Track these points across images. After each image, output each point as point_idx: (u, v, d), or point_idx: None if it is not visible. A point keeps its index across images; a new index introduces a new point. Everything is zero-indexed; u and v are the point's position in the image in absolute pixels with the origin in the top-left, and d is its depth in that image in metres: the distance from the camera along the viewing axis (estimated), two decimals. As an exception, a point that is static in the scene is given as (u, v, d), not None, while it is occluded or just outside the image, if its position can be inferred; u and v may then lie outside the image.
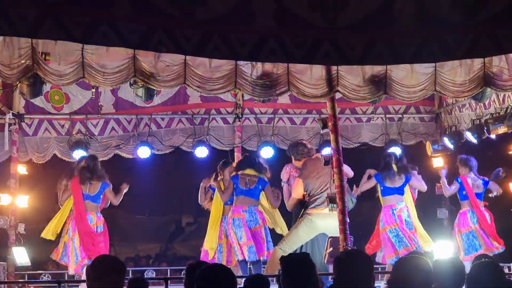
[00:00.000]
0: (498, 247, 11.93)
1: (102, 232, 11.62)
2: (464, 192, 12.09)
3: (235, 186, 11.20)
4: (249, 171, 11.32)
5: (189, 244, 22.34)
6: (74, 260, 11.49)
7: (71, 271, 11.67)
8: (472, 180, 12.09)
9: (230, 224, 11.13)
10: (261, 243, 11.06)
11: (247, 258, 10.96)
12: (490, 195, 12.25)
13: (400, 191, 11.71)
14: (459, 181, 12.09)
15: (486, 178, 12.18)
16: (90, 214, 11.54)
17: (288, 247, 10.27)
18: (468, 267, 5.25)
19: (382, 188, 11.69)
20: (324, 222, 10.18)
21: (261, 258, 11.02)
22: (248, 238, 11.03)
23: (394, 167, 11.75)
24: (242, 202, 11.19)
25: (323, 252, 9.98)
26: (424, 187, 12.10)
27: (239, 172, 11.28)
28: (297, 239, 10.38)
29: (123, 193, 11.99)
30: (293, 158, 11.38)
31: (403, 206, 11.63)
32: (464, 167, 12.19)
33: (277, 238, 11.31)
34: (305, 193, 10.69)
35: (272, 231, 11.48)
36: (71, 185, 11.68)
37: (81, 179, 11.60)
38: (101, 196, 11.72)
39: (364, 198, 12.08)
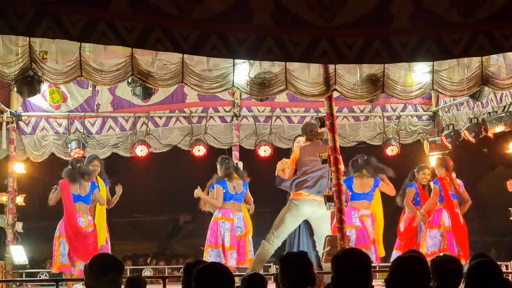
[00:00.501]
0: (460, 256, 11.05)
1: (92, 232, 11.50)
2: (442, 193, 11.87)
3: (224, 191, 11.16)
4: (234, 175, 11.33)
5: (187, 242, 22.32)
6: (59, 259, 11.35)
7: (54, 270, 11.43)
8: (450, 180, 11.85)
9: (218, 226, 11.08)
10: (243, 251, 11.04)
11: (229, 263, 10.89)
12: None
13: (368, 196, 11.67)
14: (438, 183, 11.68)
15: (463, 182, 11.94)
16: (81, 217, 11.32)
17: (276, 239, 9.99)
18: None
19: (350, 193, 11.60)
20: (310, 209, 9.95)
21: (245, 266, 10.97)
22: (232, 243, 11.02)
23: (364, 171, 11.71)
24: (232, 207, 11.18)
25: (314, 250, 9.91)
26: (392, 191, 11.98)
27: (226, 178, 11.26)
28: (284, 229, 9.99)
29: (118, 196, 11.93)
30: (305, 138, 10.50)
31: (367, 213, 11.63)
32: (441, 168, 11.99)
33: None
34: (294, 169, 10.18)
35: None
36: (60, 187, 11.44)
37: (71, 178, 11.42)
38: (91, 198, 11.60)
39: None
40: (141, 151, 13.08)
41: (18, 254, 12.44)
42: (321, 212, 9.70)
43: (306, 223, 10.07)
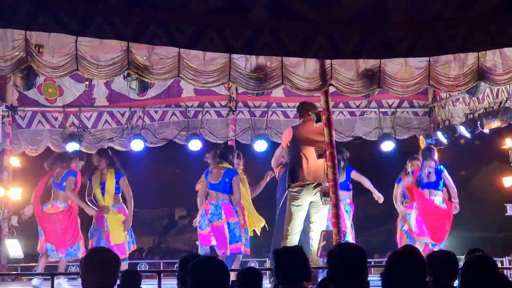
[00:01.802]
0: None
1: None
2: None
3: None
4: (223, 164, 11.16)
5: (182, 237, 22.39)
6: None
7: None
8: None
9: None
10: (222, 239, 10.86)
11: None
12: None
13: (345, 186, 11.53)
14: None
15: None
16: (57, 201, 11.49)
17: (292, 232, 9.91)
18: None
19: None
20: (309, 196, 9.86)
21: (227, 253, 10.77)
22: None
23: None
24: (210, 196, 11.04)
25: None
26: (364, 181, 12.00)
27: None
28: (296, 222, 9.89)
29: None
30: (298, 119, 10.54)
31: (348, 202, 11.60)
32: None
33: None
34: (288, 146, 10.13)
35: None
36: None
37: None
38: (64, 184, 11.43)
39: (360, 192, 12.07)
40: (136, 145, 13.06)
41: (13, 247, 12.43)
42: (318, 200, 9.68)
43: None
